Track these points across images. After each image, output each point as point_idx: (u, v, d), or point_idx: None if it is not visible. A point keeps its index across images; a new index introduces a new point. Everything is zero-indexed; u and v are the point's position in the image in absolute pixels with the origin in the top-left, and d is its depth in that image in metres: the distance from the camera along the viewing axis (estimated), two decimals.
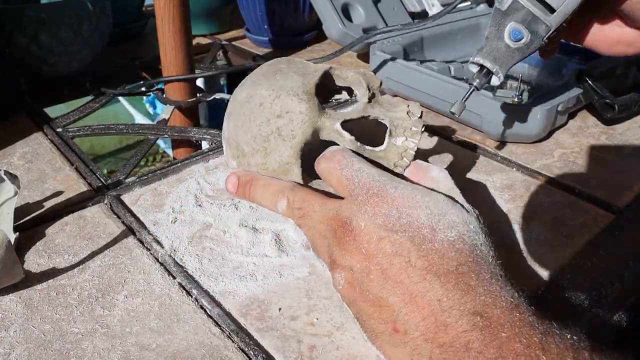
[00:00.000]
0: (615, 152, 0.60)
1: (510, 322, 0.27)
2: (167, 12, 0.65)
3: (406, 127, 0.41)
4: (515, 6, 0.41)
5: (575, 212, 0.49)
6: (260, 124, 0.39)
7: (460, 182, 0.54)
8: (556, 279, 0.42)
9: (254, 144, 0.40)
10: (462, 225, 0.32)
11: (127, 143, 1.97)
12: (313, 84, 0.40)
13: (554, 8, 0.40)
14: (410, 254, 0.31)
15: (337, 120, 0.40)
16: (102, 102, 0.74)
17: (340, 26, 0.77)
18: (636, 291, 0.41)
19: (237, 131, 0.41)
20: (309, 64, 0.43)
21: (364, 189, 0.34)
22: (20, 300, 0.39)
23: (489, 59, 0.42)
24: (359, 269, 0.32)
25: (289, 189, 0.38)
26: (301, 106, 0.39)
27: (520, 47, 0.41)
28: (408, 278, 0.30)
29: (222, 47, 1.00)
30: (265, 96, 0.40)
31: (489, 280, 0.30)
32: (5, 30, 0.68)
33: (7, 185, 0.44)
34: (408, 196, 0.33)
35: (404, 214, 0.32)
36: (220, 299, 0.40)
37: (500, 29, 0.42)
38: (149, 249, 0.45)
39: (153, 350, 0.35)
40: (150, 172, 0.55)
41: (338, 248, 0.34)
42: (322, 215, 0.35)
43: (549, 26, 0.41)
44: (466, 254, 0.31)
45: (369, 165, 0.36)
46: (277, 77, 0.41)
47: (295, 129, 0.39)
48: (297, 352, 0.35)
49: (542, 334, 0.26)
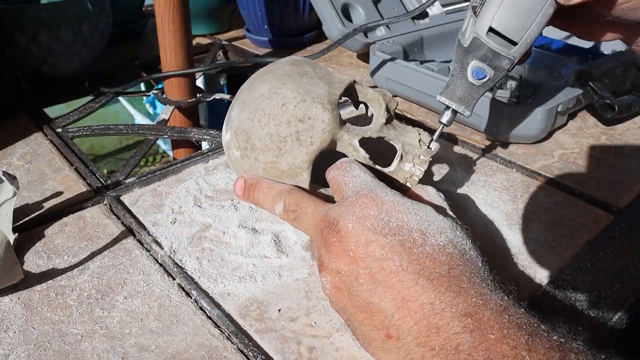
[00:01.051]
0: (615, 152, 0.60)
1: (499, 323, 0.27)
2: (167, 12, 0.65)
3: (416, 154, 0.42)
4: (476, 43, 0.40)
5: (575, 213, 0.49)
6: (279, 123, 0.40)
7: (460, 182, 0.54)
8: (556, 280, 0.42)
9: (268, 142, 0.40)
10: (450, 231, 0.33)
11: (127, 143, 1.97)
12: (338, 94, 0.41)
13: (516, 41, 0.39)
14: (402, 258, 0.31)
15: (356, 136, 0.41)
16: (102, 102, 0.74)
17: (340, 26, 0.77)
18: (636, 291, 0.41)
19: (252, 125, 0.41)
20: (333, 72, 0.43)
21: (354, 191, 0.35)
22: (20, 301, 0.39)
23: (454, 99, 0.42)
24: (347, 273, 0.32)
25: (286, 192, 0.39)
26: (325, 115, 0.39)
27: (485, 82, 0.41)
28: (400, 282, 0.30)
29: (222, 47, 1.00)
30: (290, 97, 0.40)
31: (480, 284, 0.30)
32: (5, 30, 0.68)
33: (6, 186, 0.44)
34: (398, 201, 0.33)
35: (394, 217, 0.32)
36: (220, 300, 0.40)
37: (463, 67, 0.41)
38: (149, 250, 0.45)
39: (152, 352, 0.35)
40: (150, 173, 0.55)
41: (325, 250, 0.34)
42: (313, 217, 0.36)
43: (512, 60, 0.40)
44: (457, 258, 0.31)
45: (367, 173, 0.37)
46: (303, 80, 0.41)
47: (315, 136, 0.39)
48: (297, 353, 0.35)
49: (530, 335, 0.26)
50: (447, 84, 0.43)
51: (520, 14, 0.38)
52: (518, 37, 0.39)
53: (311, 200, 0.37)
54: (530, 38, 0.39)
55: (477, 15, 0.40)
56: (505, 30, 0.39)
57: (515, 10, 0.38)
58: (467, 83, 0.42)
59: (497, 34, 0.39)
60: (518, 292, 0.40)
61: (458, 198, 0.52)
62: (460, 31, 0.42)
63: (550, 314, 0.39)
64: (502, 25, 0.39)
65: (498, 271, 0.42)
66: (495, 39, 0.40)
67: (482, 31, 0.39)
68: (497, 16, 0.39)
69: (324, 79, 0.42)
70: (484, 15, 0.39)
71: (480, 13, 0.39)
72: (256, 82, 0.43)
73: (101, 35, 0.77)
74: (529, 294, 0.41)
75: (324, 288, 0.34)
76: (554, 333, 0.27)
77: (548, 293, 0.41)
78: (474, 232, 0.47)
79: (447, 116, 0.43)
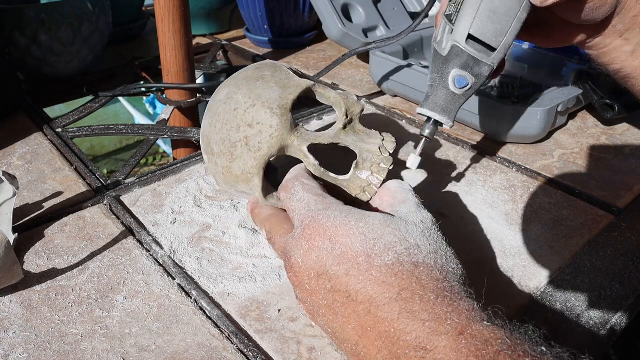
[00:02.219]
0: (615, 152, 0.60)
1: (457, 349, 0.26)
2: (167, 12, 0.65)
3: (374, 162, 0.40)
4: (455, 51, 0.40)
5: (575, 213, 0.49)
6: (230, 128, 0.39)
7: (460, 183, 0.54)
8: (556, 280, 0.42)
9: (222, 147, 0.40)
10: (399, 245, 0.31)
11: (127, 143, 1.98)
12: (291, 99, 0.40)
13: (495, 47, 0.39)
14: (349, 288, 0.30)
15: (306, 141, 0.40)
16: (101, 102, 0.74)
17: (340, 26, 0.77)
18: (636, 291, 0.41)
19: (210, 130, 0.41)
20: (293, 76, 0.42)
21: (299, 221, 0.34)
22: (20, 301, 0.39)
23: (436, 110, 0.41)
24: (310, 304, 0.33)
25: (265, 219, 0.39)
26: (273, 120, 0.38)
27: (467, 91, 0.41)
28: (354, 313, 0.30)
29: (222, 47, 1.00)
30: (241, 102, 0.39)
31: (434, 301, 0.28)
32: (5, 30, 0.68)
33: (6, 186, 0.44)
34: (341, 224, 0.32)
35: (338, 243, 0.32)
36: (220, 300, 0.40)
37: (443, 77, 0.41)
38: (149, 250, 0.45)
39: (152, 352, 0.35)
40: (150, 173, 0.55)
41: (290, 281, 0.34)
42: (278, 248, 0.37)
43: (491, 66, 0.40)
44: (407, 277, 0.30)
45: (312, 192, 0.36)
46: (257, 84, 0.40)
47: (262, 142, 0.39)
48: (297, 353, 0.35)
49: (495, 354, 0.25)
50: (427, 96, 0.42)
51: (497, 19, 0.38)
52: (497, 42, 0.39)
53: (280, 228, 0.37)
54: (508, 43, 0.40)
55: (453, 24, 0.40)
56: (483, 36, 0.39)
57: (492, 16, 0.38)
58: (449, 93, 0.41)
59: (476, 41, 0.39)
60: (518, 292, 0.41)
61: (458, 198, 0.52)
62: (435, 41, 0.41)
63: (550, 314, 0.39)
64: (480, 31, 0.39)
65: (498, 271, 0.43)
66: (475, 45, 0.40)
67: (461, 39, 0.39)
68: (475, 23, 0.39)
69: (279, 83, 0.41)
70: (461, 23, 0.39)
71: (456, 21, 0.39)
72: (220, 87, 0.43)
73: (101, 35, 0.77)
74: (529, 293, 0.41)
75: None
76: (521, 345, 0.25)
77: (548, 293, 0.41)
78: (474, 232, 0.47)
79: (429, 129, 0.42)
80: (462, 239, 0.46)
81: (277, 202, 0.40)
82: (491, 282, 0.35)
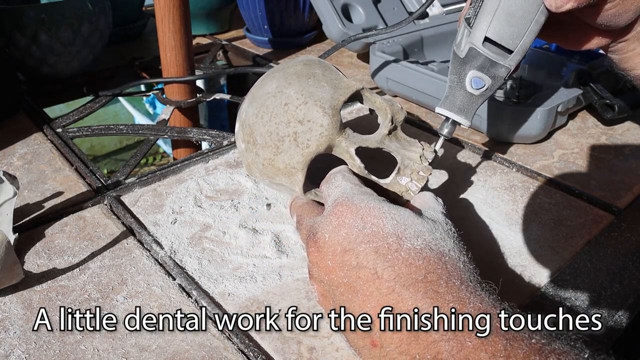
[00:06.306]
0: (615, 152, 0.60)
1: (477, 329, 0.27)
2: (167, 12, 0.65)
3: (414, 169, 0.41)
4: (472, 53, 0.40)
5: (575, 213, 0.49)
6: (279, 122, 0.40)
7: (460, 183, 0.54)
8: (556, 280, 0.42)
9: (267, 139, 0.40)
10: (428, 234, 0.32)
11: (127, 143, 1.98)
12: (342, 100, 0.41)
13: (512, 50, 0.40)
14: (377, 266, 0.31)
15: (354, 144, 0.40)
16: (101, 102, 0.74)
17: (340, 26, 0.77)
18: (636, 291, 0.41)
19: (255, 120, 0.41)
20: (343, 77, 0.43)
21: (332, 201, 0.35)
22: (20, 301, 0.39)
23: (453, 109, 0.43)
24: (328, 282, 0.33)
25: (300, 206, 0.41)
26: (324, 119, 0.39)
27: (484, 92, 0.42)
28: (377, 290, 0.30)
29: (222, 47, 1.00)
30: (292, 98, 0.40)
31: (458, 287, 0.29)
32: (5, 30, 0.68)
33: (6, 186, 0.44)
34: (374, 207, 0.33)
35: (369, 223, 0.32)
36: (220, 300, 0.40)
37: (461, 78, 0.42)
38: (149, 250, 0.45)
39: (153, 352, 0.35)
40: (150, 173, 0.55)
41: (309, 260, 0.35)
42: (305, 228, 0.37)
43: (508, 68, 0.41)
44: (435, 261, 0.31)
45: (350, 182, 0.37)
46: (309, 82, 0.41)
47: (312, 140, 0.39)
48: (297, 353, 0.35)
49: (508, 340, 0.26)
50: (446, 96, 0.43)
51: (514, 22, 0.39)
52: (513, 45, 0.40)
53: (310, 212, 0.39)
54: (525, 46, 0.40)
55: (471, 27, 0.40)
56: (500, 39, 0.40)
57: (509, 20, 0.39)
58: (466, 93, 0.42)
59: (493, 43, 0.40)
60: (518, 292, 0.41)
61: (458, 198, 0.52)
62: (455, 43, 0.42)
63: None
64: (497, 34, 0.39)
65: (498, 271, 0.43)
66: (492, 48, 0.40)
67: (478, 41, 0.40)
68: (492, 26, 0.39)
69: (330, 82, 0.42)
70: (479, 26, 0.40)
71: (474, 24, 0.40)
72: (267, 78, 0.44)
73: (101, 35, 0.77)
74: (529, 294, 0.41)
75: (314, 295, 0.35)
76: (535, 334, 0.26)
77: (548, 293, 0.41)
78: (474, 232, 0.47)
79: (448, 128, 0.44)
80: (462, 239, 0.46)
81: (315, 197, 0.41)
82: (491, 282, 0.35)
